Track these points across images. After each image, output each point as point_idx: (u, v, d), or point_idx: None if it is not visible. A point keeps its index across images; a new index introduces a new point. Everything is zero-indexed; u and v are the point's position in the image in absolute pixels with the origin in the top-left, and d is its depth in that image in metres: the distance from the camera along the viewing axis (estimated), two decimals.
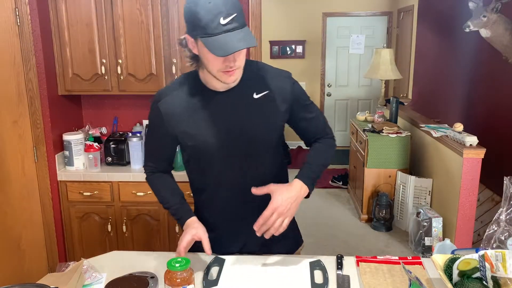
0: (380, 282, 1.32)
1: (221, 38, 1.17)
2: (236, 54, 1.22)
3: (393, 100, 4.25)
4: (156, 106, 1.40)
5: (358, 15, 6.40)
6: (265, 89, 1.38)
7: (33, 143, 2.55)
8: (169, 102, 1.39)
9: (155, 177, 1.57)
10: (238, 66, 1.27)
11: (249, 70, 1.36)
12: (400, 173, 3.90)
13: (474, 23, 3.46)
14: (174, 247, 2.69)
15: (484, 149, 2.97)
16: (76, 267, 1.34)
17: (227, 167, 1.41)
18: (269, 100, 1.38)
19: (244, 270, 1.41)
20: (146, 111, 3.22)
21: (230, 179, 1.43)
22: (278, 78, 1.41)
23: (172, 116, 1.38)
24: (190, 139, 1.39)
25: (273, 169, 1.49)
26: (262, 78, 1.39)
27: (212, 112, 1.36)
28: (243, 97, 1.37)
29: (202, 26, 1.17)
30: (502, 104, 3.24)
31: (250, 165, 1.42)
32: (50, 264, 2.69)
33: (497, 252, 1.13)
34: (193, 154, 1.45)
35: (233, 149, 1.38)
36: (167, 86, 1.47)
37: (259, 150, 1.42)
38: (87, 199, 2.65)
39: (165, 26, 2.54)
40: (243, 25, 1.20)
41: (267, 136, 1.42)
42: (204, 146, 1.38)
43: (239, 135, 1.37)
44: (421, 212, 3.41)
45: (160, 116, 1.40)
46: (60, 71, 2.63)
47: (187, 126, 1.38)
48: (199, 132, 1.37)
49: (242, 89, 1.37)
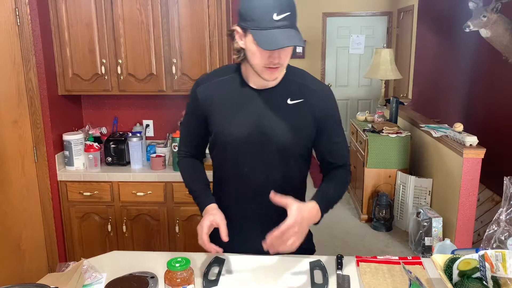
0: (380, 282, 1.32)
1: (271, 32, 1.19)
2: (281, 52, 1.24)
3: (393, 100, 4.25)
4: (194, 91, 1.45)
5: (358, 15, 6.40)
6: (300, 97, 1.38)
7: (33, 143, 2.55)
8: (207, 88, 1.43)
9: (185, 161, 1.59)
10: (281, 64, 1.27)
11: (290, 75, 1.39)
12: (400, 173, 3.90)
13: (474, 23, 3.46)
14: (174, 247, 2.70)
15: (484, 149, 2.97)
16: (76, 267, 1.34)
17: (248, 164, 1.42)
18: (301, 109, 1.38)
19: (244, 270, 1.41)
20: (146, 111, 3.24)
21: (248, 176, 1.43)
22: (316, 91, 1.41)
23: (208, 102, 1.41)
24: (218, 128, 1.41)
25: (293, 179, 1.47)
26: (300, 86, 1.40)
27: (244, 107, 1.38)
28: (277, 99, 1.38)
29: (255, 19, 1.20)
30: (502, 104, 3.24)
31: (270, 168, 1.42)
32: (50, 264, 2.69)
33: (497, 252, 1.13)
34: (219, 145, 1.45)
35: (257, 148, 1.39)
36: (208, 73, 1.50)
37: (281, 155, 1.41)
38: (87, 199, 2.65)
39: (165, 26, 2.54)
40: (294, 27, 1.22)
41: (292, 143, 1.40)
42: (230, 139, 1.40)
43: (265, 135, 1.38)
44: (421, 212, 3.41)
45: (196, 101, 1.44)
46: (60, 71, 2.63)
47: (218, 115, 1.41)
48: (228, 124, 1.39)
49: (278, 91, 1.38)
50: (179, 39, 2.55)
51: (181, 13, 2.52)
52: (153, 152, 2.79)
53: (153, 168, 2.69)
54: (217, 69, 1.53)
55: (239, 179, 1.45)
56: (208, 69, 2.58)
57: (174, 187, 2.61)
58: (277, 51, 1.23)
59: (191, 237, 2.67)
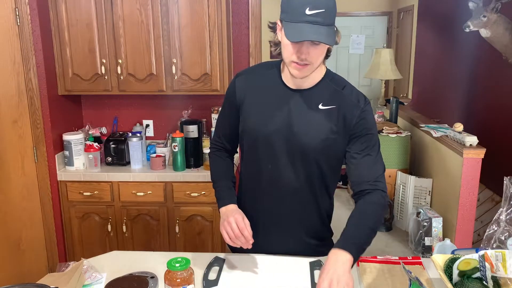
0: (380, 282, 1.32)
1: (300, 26, 1.19)
2: (310, 48, 1.23)
3: (393, 100, 4.25)
4: (233, 81, 1.47)
5: (358, 15, 6.39)
6: (332, 104, 1.37)
7: (33, 143, 2.55)
8: (246, 79, 1.46)
9: (216, 155, 1.59)
10: (310, 62, 1.25)
11: (329, 81, 1.40)
12: (400, 173, 3.90)
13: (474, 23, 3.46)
14: (174, 247, 2.70)
15: (484, 149, 2.96)
16: (76, 267, 1.34)
17: (272, 161, 1.42)
18: (332, 116, 1.36)
19: (244, 270, 1.41)
20: (146, 111, 3.24)
21: (272, 173, 1.43)
22: (351, 101, 1.38)
23: (243, 92, 1.44)
24: (244, 120, 1.43)
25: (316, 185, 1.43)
26: (335, 92, 1.39)
27: (274, 105, 1.40)
28: (309, 102, 1.37)
29: (289, 12, 1.22)
30: (502, 104, 3.24)
31: (293, 169, 1.41)
32: (50, 264, 2.69)
33: (497, 252, 1.13)
34: (247, 136, 1.46)
35: (282, 145, 1.39)
36: (249, 67, 1.54)
37: (305, 157, 1.39)
38: (87, 199, 2.65)
39: (165, 26, 2.54)
40: (329, 24, 1.21)
41: (316, 147, 1.37)
42: (251, 133, 1.42)
43: (291, 134, 1.37)
44: (421, 212, 3.41)
45: (233, 89, 1.46)
46: (60, 71, 2.63)
47: (250, 107, 1.43)
48: (258, 116, 1.41)
49: (312, 94, 1.38)
50: (179, 39, 2.55)
51: (181, 13, 2.52)
52: (153, 152, 2.79)
53: (153, 168, 2.69)
54: (259, 63, 1.55)
55: (263, 175, 1.45)
56: (208, 69, 2.58)
57: (174, 187, 2.61)
58: (305, 47, 1.22)
59: (191, 237, 2.67)
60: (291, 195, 1.44)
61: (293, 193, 1.44)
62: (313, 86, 1.38)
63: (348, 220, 1.32)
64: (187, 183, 2.61)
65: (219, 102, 1.85)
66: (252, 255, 1.49)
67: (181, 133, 2.66)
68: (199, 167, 2.72)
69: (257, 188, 1.49)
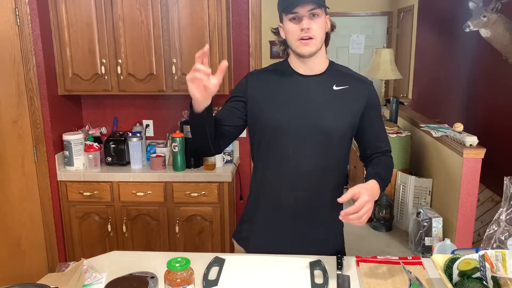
0: (380, 282, 1.32)
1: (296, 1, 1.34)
2: (310, 22, 1.36)
3: (393, 100, 4.24)
4: (245, 77, 1.53)
5: (358, 15, 6.39)
6: (345, 84, 1.48)
7: (33, 143, 2.55)
8: (258, 76, 1.53)
9: None
10: (313, 35, 1.38)
11: (335, 66, 1.52)
12: (400, 173, 3.90)
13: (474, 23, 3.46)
14: (174, 247, 2.70)
15: (484, 149, 2.96)
16: (76, 267, 1.34)
17: (293, 147, 1.45)
18: (347, 95, 1.47)
19: (244, 270, 1.40)
20: (146, 111, 3.24)
21: (293, 160, 1.46)
22: (360, 81, 1.51)
23: (256, 88, 1.49)
24: (260, 111, 1.46)
25: (334, 166, 1.51)
26: (345, 75, 1.51)
27: (290, 91, 1.46)
28: (324, 85, 1.47)
29: (284, 1, 1.37)
30: (502, 104, 3.24)
31: (314, 152, 1.46)
32: (50, 264, 2.69)
33: (497, 252, 1.13)
34: (264, 131, 1.48)
35: (298, 131, 1.44)
36: (264, 67, 1.58)
37: (324, 140, 1.45)
38: (87, 199, 2.65)
39: (165, 26, 2.54)
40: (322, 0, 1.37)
41: (337, 128, 1.46)
42: (271, 120, 1.45)
43: (308, 119, 1.43)
44: (421, 212, 3.41)
45: (244, 84, 1.51)
46: (60, 71, 2.63)
47: (261, 99, 1.47)
48: (271, 106, 1.45)
49: (325, 78, 1.48)
50: (179, 39, 2.55)
51: (181, 13, 2.52)
52: (153, 152, 2.79)
53: (153, 168, 2.69)
54: (269, 65, 1.60)
55: (283, 164, 1.47)
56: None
57: (174, 187, 2.61)
58: (305, 21, 1.35)
59: (191, 237, 2.67)
60: (314, 179, 1.47)
61: (317, 175, 1.46)
62: (323, 72, 1.48)
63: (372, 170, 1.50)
64: (187, 183, 2.61)
65: (219, 102, 1.84)
66: (252, 255, 1.50)
67: (181, 133, 2.66)
68: (199, 167, 2.72)
69: (279, 179, 1.49)
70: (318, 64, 1.47)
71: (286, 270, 1.40)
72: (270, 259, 1.47)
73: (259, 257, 1.48)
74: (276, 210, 1.51)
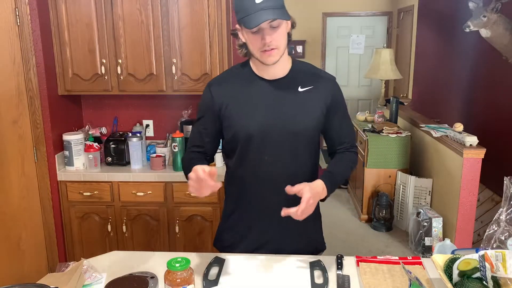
0: (380, 282, 1.32)
1: (254, 15, 1.29)
2: (272, 32, 1.33)
3: (393, 100, 4.25)
4: (208, 91, 1.51)
5: (358, 15, 6.40)
6: (310, 84, 1.48)
7: (33, 143, 2.55)
8: (220, 86, 1.50)
9: (191, 153, 1.56)
10: (275, 46, 1.35)
11: (299, 66, 1.51)
12: (400, 173, 3.90)
13: (474, 23, 3.46)
14: (174, 247, 2.70)
15: (484, 149, 2.97)
16: (76, 267, 1.34)
17: (267, 153, 1.46)
18: (312, 95, 1.47)
19: (244, 270, 1.41)
20: (146, 111, 3.23)
21: (265, 169, 1.47)
22: (323, 79, 1.52)
23: (222, 98, 1.47)
24: (232, 121, 1.46)
25: (307, 166, 1.53)
26: (309, 74, 1.51)
27: (257, 98, 1.46)
28: (288, 88, 1.46)
29: (243, 9, 1.32)
30: (502, 104, 3.24)
31: (286, 154, 1.47)
32: (50, 264, 2.69)
33: (497, 252, 1.13)
34: (233, 139, 1.48)
35: (271, 137, 1.44)
36: (217, 76, 1.58)
37: (296, 143, 1.47)
38: (87, 199, 2.65)
39: (165, 26, 2.54)
40: (280, 7, 1.32)
41: (306, 129, 1.47)
42: (243, 130, 1.44)
43: (279, 124, 1.44)
44: (421, 212, 3.41)
45: (211, 99, 1.48)
46: (60, 71, 2.63)
47: (231, 109, 1.46)
48: (242, 115, 1.45)
49: (289, 81, 1.47)
50: (179, 39, 2.55)
51: (181, 13, 2.52)
52: (153, 152, 2.79)
53: (153, 168, 2.69)
54: (225, 70, 1.60)
55: (259, 170, 1.48)
56: (208, 69, 2.58)
57: (174, 187, 2.61)
58: (267, 33, 1.32)
59: (191, 237, 2.67)
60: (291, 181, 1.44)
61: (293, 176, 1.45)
62: (287, 74, 1.47)
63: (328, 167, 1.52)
64: (187, 183, 2.60)
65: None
66: (252, 255, 1.50)
67: (181, 133, 2.67)
68: None
69: (256, 185, 1.50)
70: (282, 68, 1.46)
71: (286, 270, 1.40)
72: (270, 259, 1.47)
73: (259, 257, 1.48)
74: (259, 215, 1.52)
